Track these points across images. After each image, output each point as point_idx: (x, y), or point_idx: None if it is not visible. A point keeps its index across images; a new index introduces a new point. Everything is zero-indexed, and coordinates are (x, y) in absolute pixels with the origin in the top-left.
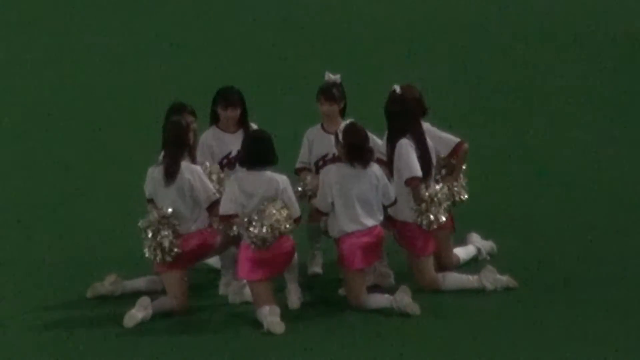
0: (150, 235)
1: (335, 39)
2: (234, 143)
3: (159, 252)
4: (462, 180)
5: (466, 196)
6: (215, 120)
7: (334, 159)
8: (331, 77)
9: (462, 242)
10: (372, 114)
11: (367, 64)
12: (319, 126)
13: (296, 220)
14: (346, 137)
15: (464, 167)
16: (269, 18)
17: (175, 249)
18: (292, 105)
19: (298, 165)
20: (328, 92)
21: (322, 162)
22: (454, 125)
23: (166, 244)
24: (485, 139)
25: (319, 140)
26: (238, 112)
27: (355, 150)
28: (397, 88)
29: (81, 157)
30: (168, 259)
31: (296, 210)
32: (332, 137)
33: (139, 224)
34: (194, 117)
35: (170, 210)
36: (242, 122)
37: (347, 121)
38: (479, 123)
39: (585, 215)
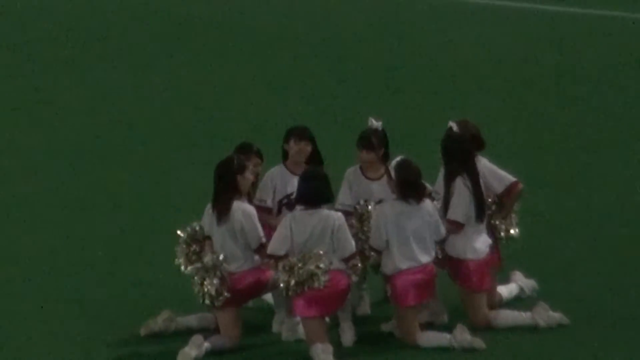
0: (197, 280)
1: (387, 77)
2: (296, 183)
3: (207, 297)
4: (513, 218)
5: (516, 231)
6: (285, 157)
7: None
8: (374, 123)
9: (505, 279)
10: (427, 151)
11: (421, 102)
12: (358, 169)
13: (351, 257)
14: (399, 174)
15: (514, 206)
16: (323, 55)
17: (224, 294)
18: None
19: (337, 207)
20: (366, 141)
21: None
22: (504, 160)
23: (212, 292)
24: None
25: (359, 185)
26: (310, 147)
27: (409, 186)
28: (454, 125)
29: (137, 194)
30: (217, 303)
31: (351, 247)
32: (372, 184)
33: (188, 270)
34: (261, 158)
35: (222, 256)
36: (312, 162)
37: (399, 158)
38: (528, 158)
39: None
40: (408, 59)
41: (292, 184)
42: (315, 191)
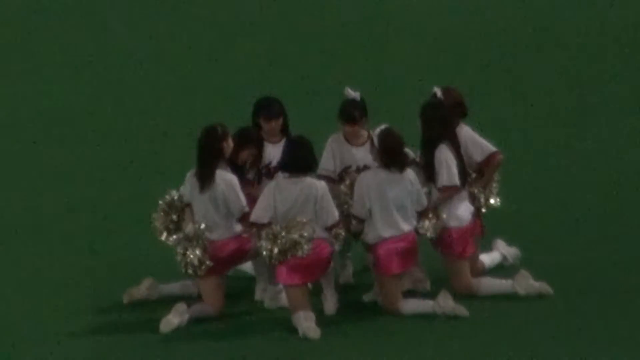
0: (180, 251)
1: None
2: (274, 153)
3: (189, 267)
4: (493, 186)
5: (496, 200)
6: (258, 129)
7: (358, 171)
8: (351, 93)
9: (488, 248)
10: (402, 119)
11: (401, 67)
12: (341, 136)
13: (334, 226)
14: (382, 142)
15: (494, 175)
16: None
17: (207, 263)
18: (321, 113)
19: (320, 172)
20: (348, 115)
21: (345, 173)
22: (490, 129)
23: (195, 262)
24: (519, 143)
25: (342, 151)
26: (280, 122)
27: (392, 155)
28: (438, 91)
29: (117, 163)
30: (200, 273)
31: (334, 216)
32: (355, 150)
33: (170, 240)
34: (259, 146)
35: (203, 226)
36: (284, 132)
37: (382, 126)
38: (511, 126)
39: (623, 220)
40: (390, 26)
41: (270, 153)
42: (300, 159)
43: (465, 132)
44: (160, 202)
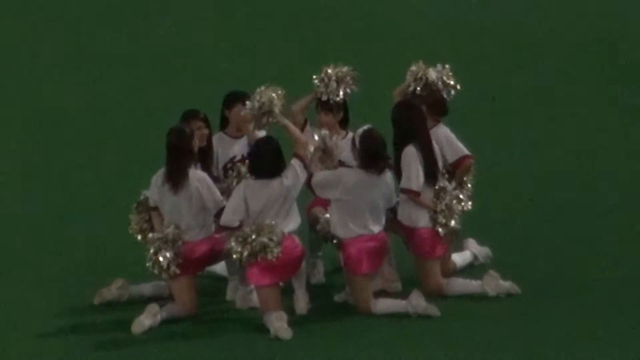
0: (152, 251)
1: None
2: (237, 147)
3: (157, 267)
4: (467, 190)
5: (469, 205)
6: (224, 124)
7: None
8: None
9: (459, 247)
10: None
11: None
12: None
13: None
14: (363, 143)
15: (465, 179)
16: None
17: (173, 268)
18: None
19: None
20: (325, 103)
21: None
22: (463, 131)
23: (164, 265)
24: (490, 144)
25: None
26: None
27: (371, 157)
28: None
29: (92, 163)
30: (164, 276)
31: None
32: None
33: (147, 239)
34: (207, 123)
35: (176, 229)
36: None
37: (365, 126)
38: (486, 125)
39: (590, 220)
40: (372, 26)
41: (234, 149)
42: (271, 163)
43: (443, 131)
44: (135, 204)
